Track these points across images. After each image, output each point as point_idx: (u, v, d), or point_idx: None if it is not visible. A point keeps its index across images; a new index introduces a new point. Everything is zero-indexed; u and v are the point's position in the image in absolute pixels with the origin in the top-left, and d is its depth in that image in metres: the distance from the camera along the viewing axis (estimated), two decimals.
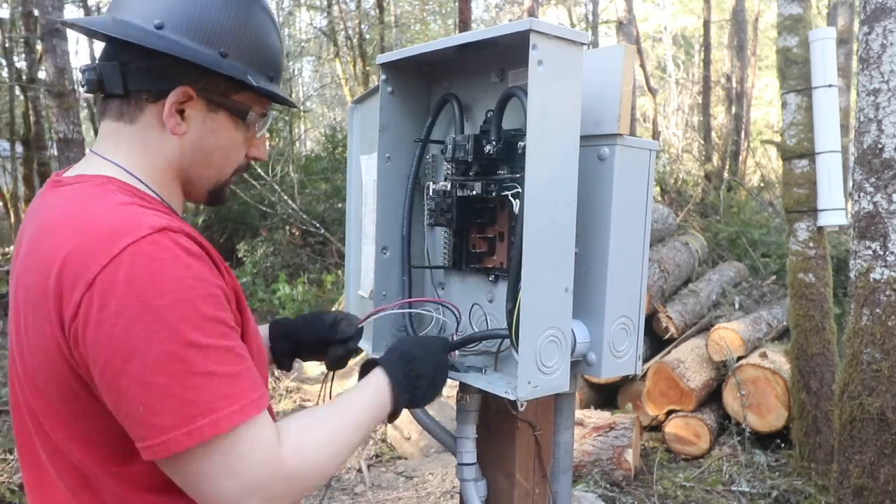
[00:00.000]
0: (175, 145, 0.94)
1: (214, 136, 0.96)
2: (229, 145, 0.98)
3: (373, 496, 3.58)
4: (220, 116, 0.96)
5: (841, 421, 2.60)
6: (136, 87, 0.91)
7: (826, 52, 3.51)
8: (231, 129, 0.97)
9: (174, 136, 0.93)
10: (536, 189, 0.97)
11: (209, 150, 0.96)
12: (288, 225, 8.77)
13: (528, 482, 1.20)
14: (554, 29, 0.96)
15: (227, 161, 1.00)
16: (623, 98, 1.06)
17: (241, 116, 0.98)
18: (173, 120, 0.92)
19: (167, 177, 0.96)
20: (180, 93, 0.91)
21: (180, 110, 0.92)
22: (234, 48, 0.93)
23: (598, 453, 3.63)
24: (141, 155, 0.93)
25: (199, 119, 0.94)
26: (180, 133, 0.93)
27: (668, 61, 16.18)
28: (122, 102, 0.92)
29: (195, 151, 0.95)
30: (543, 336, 1.00)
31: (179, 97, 0.91)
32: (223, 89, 0.95)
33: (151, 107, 0.92)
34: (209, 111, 0.94)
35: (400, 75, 1.24)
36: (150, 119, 0.92)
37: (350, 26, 12.69)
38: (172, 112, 0.91)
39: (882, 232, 2.49)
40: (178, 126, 0.92)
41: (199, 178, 0.99)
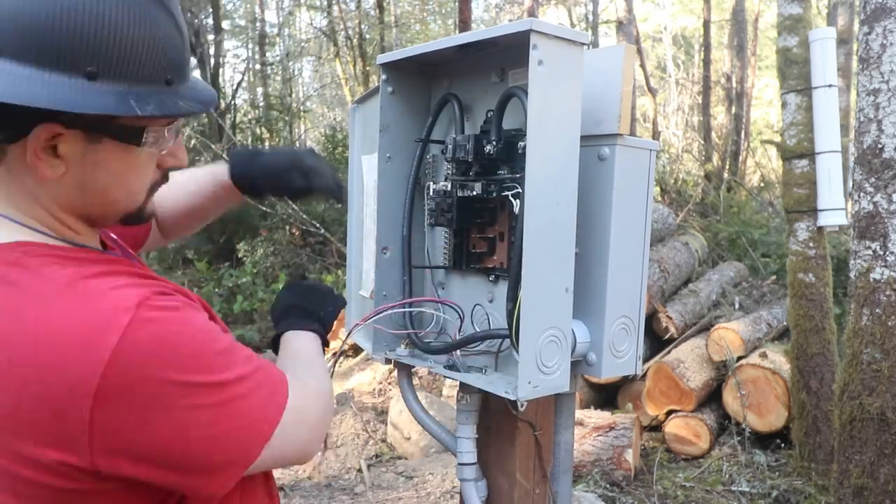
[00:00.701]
0: (57, 188, 0.76)
1: (104, 170, 0.77)
2: (126, 172, 0.79)
3: (373, 496, 3.58)
4: (104, 146, 0.75)
5: (841, 421, 2.60)
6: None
7: (826, 52, 3.51)
8: (123, 155, 0.77)
9: (50, 180, 0.75)
10: (537, 189, 0.97)
11: (103, 185, 0.78)
12: (288, 225, 8.77)
13: (529, 482, 1.20)
14: (554, 29, 0.96)
15: (129, 190, 0.81)
16: (623, 98, 1.06)
17: (135, 138, 0.77)
18: (42, 164, 0.73)
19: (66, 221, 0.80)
20: (41, 133, 0.71)
21: (52, 147, 0.72)
22: (104, 63, 0.70)
23: (598, 453, 3.63)
24: (24, 200, 0.76)
25: (77, 154, 0.74)
26: (56, 176, 0.74)
27: (668, 61, 16.19)
28: None
29: (84, 192, 0.77)
30: (544, 336, 1.00)
31: (44, 136, 0.71)
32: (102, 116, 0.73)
33: (13, 148, 0.73)
34: (89, 142, 0.74)
35: (400, 75, 1.24)
36: (16, 161, 0.74)
37: (350, 26, 12.69)
38: (39, 155, 0.72)
39: (882, 232, 2.49)
40: (51, 169, 0.73)
41: (101, 216, 0.82)
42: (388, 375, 5.30)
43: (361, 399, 5.01)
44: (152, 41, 0.74)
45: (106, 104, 0.70)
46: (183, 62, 0.80)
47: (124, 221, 0.86)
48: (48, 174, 0.74)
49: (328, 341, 1.11)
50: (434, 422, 1.28)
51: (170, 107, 0.76)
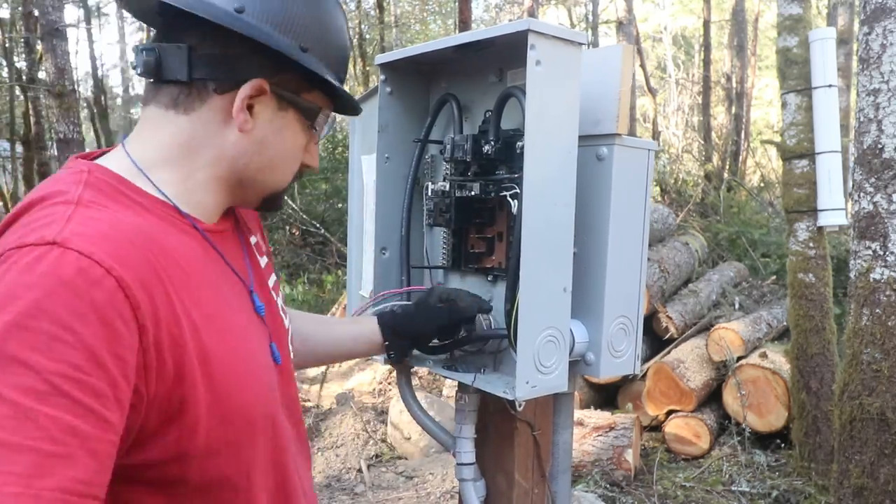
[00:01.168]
0: (236, 143, 0.84)
1: (280, 137, 0.88)
2: (292, 147, 0.90)
3: (373, 496, 3.58)
4: (289, 115, 0.87)
5: (841, 421, 2.60)
6: (204, 76, 0.81)
7: (826, 52, 3.51)
8: (297, 130, 0.89)
9: (237, 134, 0.84)
10: (535, 189, 0.97)
11: (272, 151, 0.88)
12: (288, 225, 8.77)
13: (527, 482, 1.20)
14: (552, 29, 0.96)
15: (287, 165, 0.91)
16: (622, 98, 1.06)
17: (311, 117, 0.90)
18: (243, 115, 0.82)
19: (200, 176, 0.85)
20: (254, 86, 0.82)
21: (249, 105, 0.83)
22: (313, 43, 0.85)
23: (598, 453, 3.63)
24: (183, 147, 0.83)
25: (267, 117, 0.85)
26: (247, 130, 0.84)
27: (668, 61, 16.19)
28: (180, 90, 0.82)
29: (257, 152, 0.86)
30: (542, 336, 1.00)
31: (252, 90, 0.82)
32: (296, 87, 0.86)
33: (216, 99, 0.82)
34: (279, 109, 0.86)
35: (399, 75, 1.25)
36: (210, 112, 0.83)
37: (350, 26, 12.69)
38: (243, 107, 0.82)
39: (882, 232, 2.49)
40: (246, 122, 0.83)
41: (255, 182, 0.89)
42: (388, 375, 5.30)
43: (361, 399, 5.01)
44: (340, 41, 0.91)
45: (315, 66, 0.85)
46: (346, 71, 0.96)
47: (262, 205, 0.94)
48: (245, 126, 0.83)
49: None
50: (433, 422, 1.28)
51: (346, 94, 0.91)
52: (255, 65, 0.82)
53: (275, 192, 0.93)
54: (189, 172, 0.84)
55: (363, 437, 4.34)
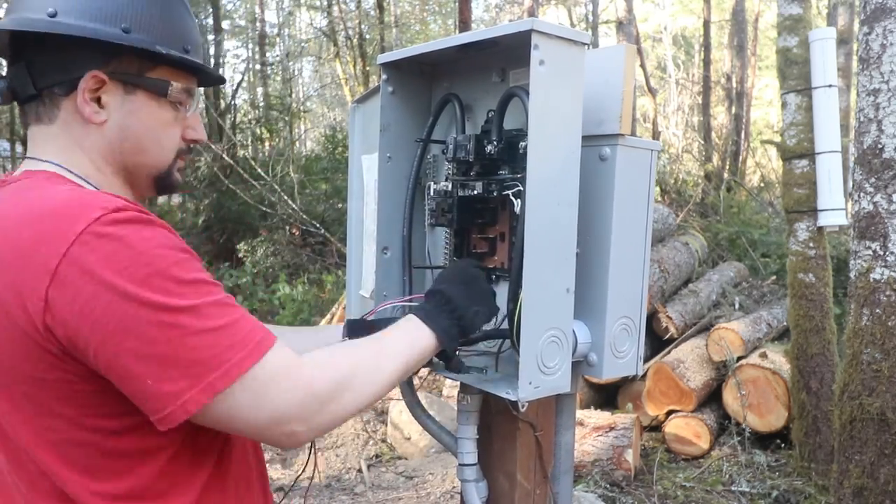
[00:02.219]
0: (99, 135, 0.91)
1: (137, 118, 0.92)
2: (157, 125, 0.95)
3: (373, 496, 3.58)
4: (138, 97, 0.92)
5: (841, 421, 2.60)
6: (46, 84, 0.89)
7: (826, 52, 3.51)
8: (154, 108, 0.94)
9: (95, 126, 0.90)
10: (538, 189, 0.96)
11: (137, 134, 0.93)
12: (288, 225, 8.77)
13: (529, 483, 1.20)
14: (555, 29, 0.95)
15: (160, 144, 0.96)
16: (624, 98, 1.06)
17: (162, 92, 0.94)
18: (89, 108, 0.89)
19: (105, 172, 0.93)
20: (90, 79, 0.88)
21: (96, 98, 0.89)
22: (136, 22, 0.89)
23: (598, 453, 3.63)
24: (72, 152, 0.91)
25: (117, 103, 0.91)
26: (100, 121, 0.90)
27: (668, 61, 16.18)
28: (37, 104, 0.90)
29: (122, 138, 0.92)
30: (545, 336, 1.00)
31: (90, 84, 0.88)
32: (137, 68, 0.91)
33: (66, 101, 0.89)
34: (126, 93, 0.91)
35: (401, 75, 1.24)
36: (67, 114, 0.90)
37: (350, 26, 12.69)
38: (87, 100, 0.89)
39: (882, 232, 2.49)
40: (95, 114, 0.89)
41: (136, 167, 0.95)
42: None
43: None
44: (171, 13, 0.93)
45: (139, 41, 0.89)
46: (196, 42, 0.98)
47: (157, 187, 0.99)
48: (94, 118, 0.89)
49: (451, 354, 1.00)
50: (434, 422, 1.28)
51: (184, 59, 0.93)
52: (87, 59, 0.88)
53: (160, 171, 0.98)
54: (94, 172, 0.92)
55: (363, 437, 4.34)
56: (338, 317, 5.57)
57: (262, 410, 0.80)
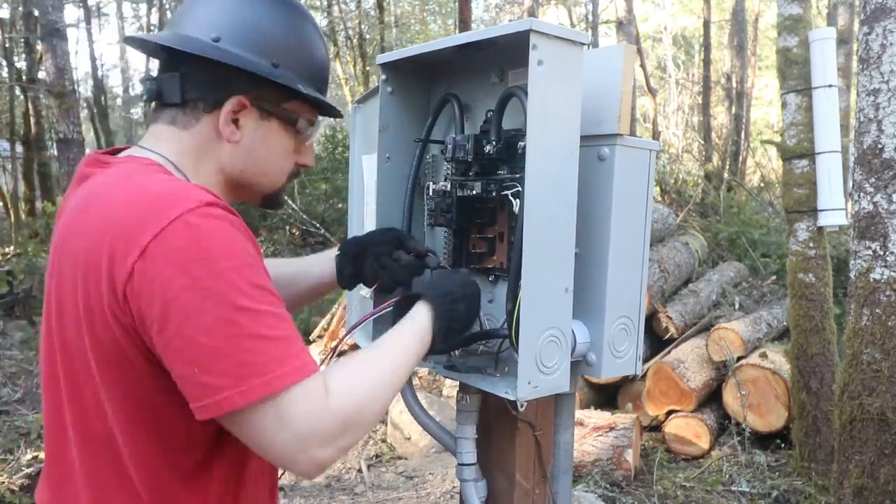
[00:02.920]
0: (228, 153, 0.99)
1: (266, 144, 1.01)
2: (280, 151, 1.03)
3: (373, 496, 3.58)
4: (272, 124, 1.01)
5: (841, 421, 2.60)
6: (194, 97, 0.97)
7: (826, 52, 3.51)
8: (282, 136, 1.03)
9: (228, 144, 0.98)
10: (536, 189, 0.97)
11: (261, 156, 1.01)
12: (288, 225, 8.77)
13: (528, 482, 1.20)
14: (554, 29, 0.95)
15: (279, 167, 1.05)
16: (623, 98, 1.06)
17: (292, 123, 1.03)
18: (229, 128, 0.97)
19: (213, 181, 1.00)
20: (236, 102, 0.96)
21: (234, 119, 0.97)
22: (284, 59, 0.98)
23: (598, 453, 3.63)
24: (190, 155, 0.98)
25: (252, 127, 0.99)
26: (235, 141, 0.98)
27: (668, 61, 16.18)
28: (177, 110, 0.98)
29: (248, 159, 1.00)
30: (543, 336, 1.00)
31: (235, 106, 0.96)
32: (275, 98, 1.00)
33: (206, 116, 0.97)
34: (262, 119, 1.00)
35: (400, 75, 1.24)
36: (204, 128, 0.98)
37: (350, 26, 12.69)
38: (228, 120, 0.97)
39: (882, 232, 2.49)
40: (233, 134, 0.97)
41: (252, 184, 1.04)
42: None
43: None
44: (313, 54, 1.04)
45: (286, 79, 0.98)
46: (327, 79, 1.09)
47: (264, 203, 1.09)
48: (231, 137, 0.98)
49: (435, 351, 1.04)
50: (434, 422, 1.28)
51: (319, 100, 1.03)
52: (235, 83, 0.96)
53: (272, 191, 1.07)
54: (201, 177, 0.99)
55: (363, 437, 4.34)
56: (338, 317, 5.57)
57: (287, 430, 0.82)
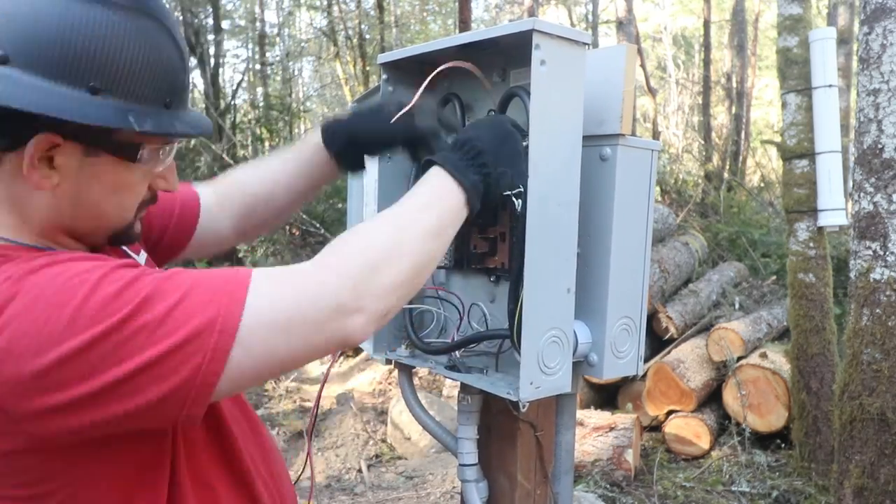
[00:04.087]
0: (48, 199, 0.76)
1: (98, 183, 0.77)
2: (121, 188, 0.80)
3: (373, 496, 3.58)
4: (101, 159, 0.76)
5: (841, 421, 2.60)
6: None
7: (826, 52, 3.51)
8: (120, 171, 0.78)
9: (43, 192, 0.75)
10: (538, 189, 0.96)
11: (95, 200, 0.78)
12: (288, 225, 8.77)
13: (530, 483, 1.20)
14: (556, 29, 0.95)
15: (121, 206, 0.81)
16: (625, 98, 1.06)
17: (130, 157, 0.78)
18: (37, 173, 0.73)
19: (50, 233, 0.79)
20: (42, 141, 0.71)
21: (48, 158, 0.73)
22: (108, 79, 0.72)
23: (598, 453, 3.63)
24: (9, 213, 0.76)
25: (73, 166, 0.75)
26: (50, 187, 0.74)
27: (668, 61, 16.18)
28: None
29: (76, 205, 0.77)
30: (545, 337, 1.00)
31: (41, 147, 0.72)
32: (101, 130, 0.74)
33: (11, 154, 0.73)
34: (86, 155, 0.75)
35: (401, 75, 1.24)
36: (11, 168, 0.74)
37: (350, 26, 12.70)
38: (35, 164, 0.72)
39: (882, 232, 2.49)
40: (44, 180, 0.73)
41: (91, 231, 0.82)
42: (388, 376, 5.30)
43: (362, 399, 5.01)
44: (155, 64, 0.76)
45: (106, 117, 0.72)
46: (182, 87, 0.81)
47: (113, 240, 0.85)
48: (43, 184, 0.74)
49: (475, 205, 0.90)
50: (435, 422, 1.28)
51: (166, 127, 0.77)
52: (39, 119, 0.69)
53: (118, 230, 0.84)
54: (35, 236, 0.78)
55: (363, 437, 4.34)
56: None
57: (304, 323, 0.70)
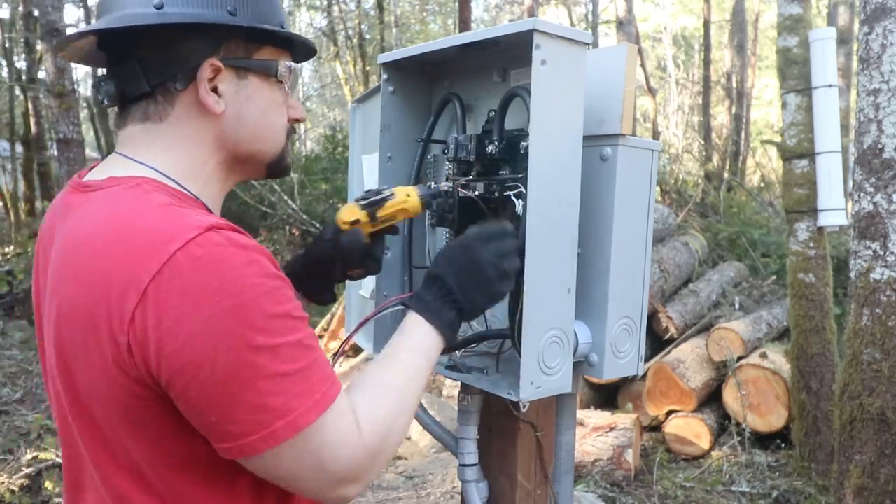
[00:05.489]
0: (217, 127, 0.90)
1: (253, 104, 0.92)
2: (271, 108, 0.94)
3: (373, 496, 3.57)
4: (251, 81, 0.91)
5: (841, 421, 2.60)
6: (162, 79, 0.86)
7: (826, 52, 3.51)
8: (266, 90, 0.93)
9: (215, 117, 0.88)
10: (539, 189, 0.96)
11: (253, 119, 0.92)
12: (288, 225, 8.77)
13: (530, 483, 1.20)
14: (557, 29, 0.95)
15: (274, 127, 0.95)
16: (625, 98, 1.06)
17: (272, 73, 0.93)
18: (211, 98, 0.87)
19: (209, 168, 0.91)
20: (209, 67, 0.86)
21: (213, 87, 0.87)
22: (239, 3, 0.87)
23: (598, 453, 3.63)
24: (178, 152, 0.89)
25: (232, 90, 0.89)
26: (220, 111, 0.88)
27: (668, 61, 16.18)
28: (147, 104, 0.88)
29: (239, 126, 0.91)
30: (546, 337, 1.00)
31: (209, 72, 0.87)
32: (244, 52, 0.90)
33: (182, 95, 0.87)
34: (239, 79, 0.90)
35: (401, 75, 1.24)
36: (183, 109, 0.88)
37: (350, 26, 12.70)
38: (208, 90, 0.87)
39: (882, 232, 2.49)
40: (217, 104, 0.88)
41: (252, 155, 0.94)
42: None
43: None
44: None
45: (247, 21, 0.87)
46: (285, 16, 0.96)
47: (270, 172, 0.99)
48: (216, 108, 0.88)
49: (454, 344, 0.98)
50: (435, 423, 1.28)
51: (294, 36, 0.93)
52: (200, 48, 0.86)
53: (275, 156, 0.97)
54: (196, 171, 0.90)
55: None
56: (338, 317, 5.57)
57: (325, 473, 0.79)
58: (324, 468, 0.78)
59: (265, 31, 0.89)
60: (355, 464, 0.80)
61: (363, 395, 0.85)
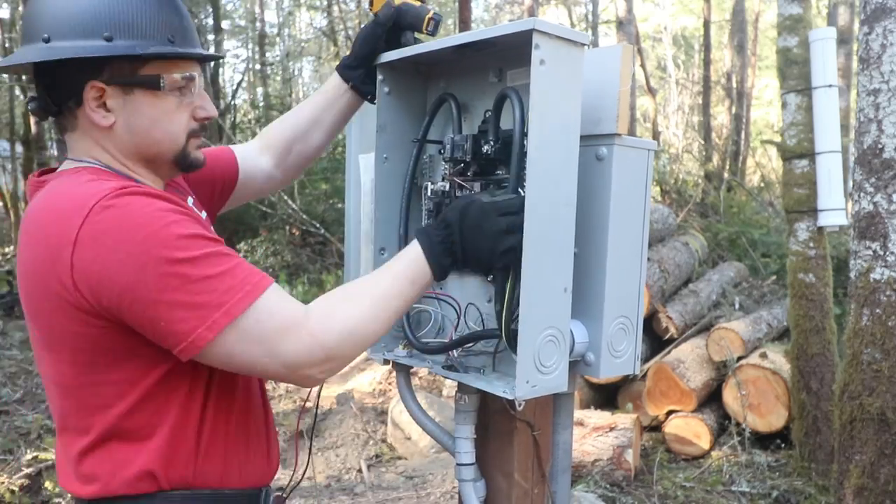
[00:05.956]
0: (114, 136, 1.02)
1: (141, 115, 1.02)
2: (160, 116, 1.03)
3: (373, 496, 3.57)
4: (136, 95, 1.01)
5: (841, 421, 2.60)
6: (62, 100, 1.00)
7: (826, 52, 3.51)
8: (154, 101, 1.02)
9: (107, 129, 1.01)
10: (536, 189, 0.96)
11: (144, 128, 1.02)
12: (288, 225, 8.77)
13: (527, 482, 1.20)
14: (556, 29, 0.95)
15: (168, 132, 1.04)
16: (621, 98, 1.06)
17: (156, 87, 1.01)
18: (98, 114, 1.00)
19: (128, 165, 1.05)
20: (91, 89, 0.98)
21: (103, 104, 1.00)
22: (116, 28, 0.97)
23: (598, 453, 3.63)
24: (98, 152, 1.03)
25: (120, 105, 1.00)
26: (109, 124, 1.01)
27: (668, 61, 16.17)
28: (62, 117, 1.03)
29: (133, 135, 1.02)
30: (542, 336, 1.00)
31: (92, 94, 0.99)
32: (129, 70, 1.00)
33: (79, 111, 1.01)
34: (125, 94, 1.00)
35: (397, 75, 1.24)
36: (84, 122, 1.01)
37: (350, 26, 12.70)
38: (94, 108, 0.99)
39: (882, 232, 2.49)
40: (104, 119, 1.00)
41: (154, 157, 1.06)
42: (388, 376, 5.30)
43: (361, 399, 5.01)
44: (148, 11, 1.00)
45: (121, 48, 0.97)
46: (180, 26, 1.04)
47: (179, 168, 1.09)
48: (103, 122, 1.00)
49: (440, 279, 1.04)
50: (432, 422, 1.28)
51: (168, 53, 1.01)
52: (83, 73, 0.98)
53: (176, 155, 1.07)
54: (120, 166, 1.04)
55: (363, 438, 4.34)
56: None
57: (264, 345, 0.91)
58: (273, 352, 0.91)
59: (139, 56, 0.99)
60: (303, 350, 0.92)
61: (327, 296, 0.97)
